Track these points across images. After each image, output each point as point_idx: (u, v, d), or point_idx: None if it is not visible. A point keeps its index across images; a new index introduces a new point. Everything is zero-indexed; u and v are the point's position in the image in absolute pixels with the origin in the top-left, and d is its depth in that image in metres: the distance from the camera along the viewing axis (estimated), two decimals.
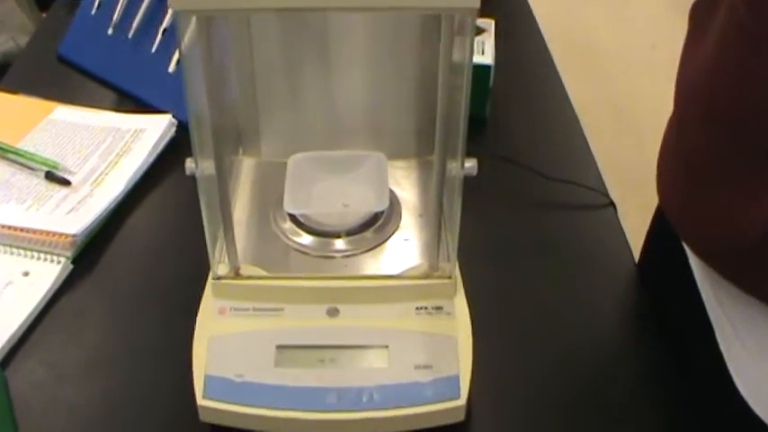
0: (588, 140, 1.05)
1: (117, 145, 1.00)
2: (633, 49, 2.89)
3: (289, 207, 0.77)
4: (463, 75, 0.64)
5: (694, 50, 0.74)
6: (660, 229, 0.88)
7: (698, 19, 0.76)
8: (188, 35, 0.62)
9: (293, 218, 0.79)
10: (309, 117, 0.87)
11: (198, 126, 0.66)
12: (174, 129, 1.02)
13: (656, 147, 0.84)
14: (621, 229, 0.92)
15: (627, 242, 0.90)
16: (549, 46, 1.26)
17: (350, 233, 0.78)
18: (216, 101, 0.65)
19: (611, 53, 2.86)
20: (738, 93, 0.67)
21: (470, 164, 0.68)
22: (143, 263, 0.87)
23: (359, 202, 0.79)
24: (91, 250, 0.88)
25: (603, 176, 0.99)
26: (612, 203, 0.95)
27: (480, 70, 1.01)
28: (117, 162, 0.97)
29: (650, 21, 2.98)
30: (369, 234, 0.79)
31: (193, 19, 0.60)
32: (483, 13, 1.14)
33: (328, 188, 0.81)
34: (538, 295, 0.83)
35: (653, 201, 0.87)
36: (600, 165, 1.01)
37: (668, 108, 0.80)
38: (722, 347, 0.75)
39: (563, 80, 1.18)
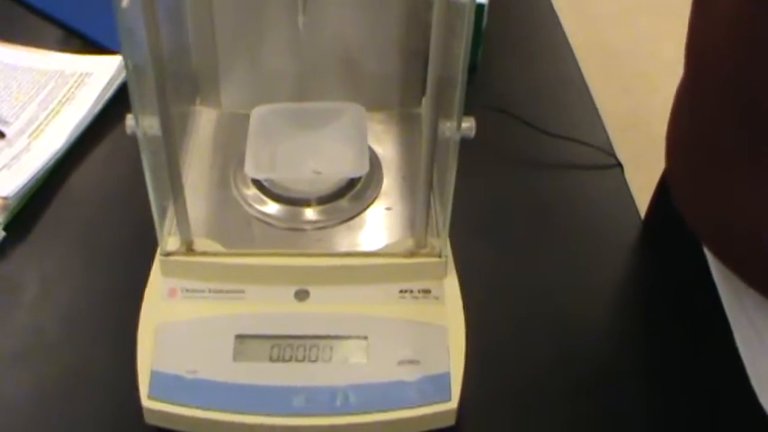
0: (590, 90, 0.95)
1: (59, 91, 0.88)
2: None
3: (250, 171, 0.66)
4: (463, 17, 0.53)
5: (708, 7, 0.62)
6: (668, 192, 0.77)
7: None
8: None
9: (256, 182, 0.68)
10: (276, 61, 0.75)
11: (137, 76, 0.55)
12: (125, 72, 0.90)
13: (654, 93, 0.72)
14: (629, 192, 0.82)
15: (635, 207, 0.80)
16: None
17: (322, 201, 0.67)
18: (159, 45, 0.53)
19: None
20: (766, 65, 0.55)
21: (467, 124, 0.58)
22: (85, 232, 0.76)
23: (333, 165, 0.68)
24: (25, 215, 0.76)
25: (608, 132, 0.88)
26: (619, 164, 0.84)
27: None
28: (58, 111, 0.85)
29: None
30: (345, 202, 0.68)
31: None
32: None
33: (297, 147, 0.69)
34: (537, 272, 0.73)
35: (653, 152, 0.76)
36: (601, 114, 0.90)
37: (669, 52, 0.68)
38: (739, 345, 0.66)
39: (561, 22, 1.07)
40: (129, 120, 0.56)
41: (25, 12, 1.03)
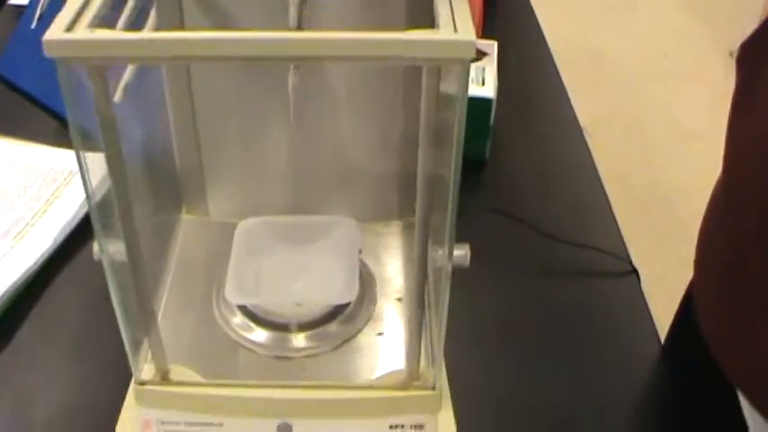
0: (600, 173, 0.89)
1: (47, 189, 0.84)
2: (645, 58, 2.73)
3: (231, 296, 0.61)
4: (452, 143, 0.49)
5: (749, 110, 0.57)
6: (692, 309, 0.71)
7: (750, 64, 0.59)
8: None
9: (240, 305, 0.64)
10: (267, 168, 0.71)
11: (102, 201, 0.51)
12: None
13: (670, 167, 0.67)
14: (645, 303, 0.76)
15: (652, 320, 0.75)
16: (558, 59, 1.10)
17: (310, 326, 0.63)
18: (121, 171, 0.49)
19: (623, 64, 2.70)
20: None
21: (461, 252, 0.53)
22: (60, 355, 0.70)
23: (318, 291, 0.64)
24: (4, 322, 0.72)
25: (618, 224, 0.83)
26: (635, 270, 0.79)
27: (480, 104, 0.85)
28: (45, 210, 0.82)
29: (662, 29, 2.83)
30: (334, 327, 0.63)
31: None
32: (484, 34, 0.99)
33: (283, 267, 0.65)
34: (544, 399, 0.67)
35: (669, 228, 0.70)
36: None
37: (682, 123, 0.62)
38: None
39: (570, 97, 1.02)
40: (96, 245, 0.52)
41: (23, 100, 1.00)
